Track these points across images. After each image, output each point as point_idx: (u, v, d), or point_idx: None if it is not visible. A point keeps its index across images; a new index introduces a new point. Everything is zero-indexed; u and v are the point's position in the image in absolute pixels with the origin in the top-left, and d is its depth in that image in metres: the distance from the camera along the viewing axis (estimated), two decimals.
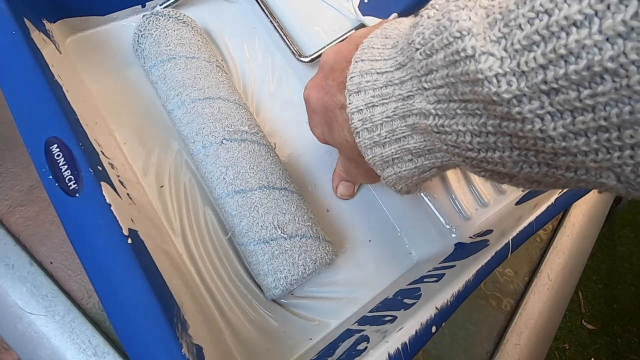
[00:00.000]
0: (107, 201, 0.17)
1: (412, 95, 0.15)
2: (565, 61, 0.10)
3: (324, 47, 0.28)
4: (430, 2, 0.14)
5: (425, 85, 0.14)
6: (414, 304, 0.19)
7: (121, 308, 0.15)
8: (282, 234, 0.22)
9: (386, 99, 0.16)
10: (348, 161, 0.22)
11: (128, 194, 0.20)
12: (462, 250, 0.23)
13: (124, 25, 0.29)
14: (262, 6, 0.29)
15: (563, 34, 0.10)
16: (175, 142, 0.26)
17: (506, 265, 0.31)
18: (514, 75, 0.11)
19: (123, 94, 0.27)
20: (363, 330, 0.20)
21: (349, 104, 0.17)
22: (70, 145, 0.18)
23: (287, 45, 0.28)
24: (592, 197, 0.35)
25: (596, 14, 0.09)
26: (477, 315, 0.29)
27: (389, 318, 0.19)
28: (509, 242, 0.20)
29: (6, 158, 0.26)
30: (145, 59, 0.26)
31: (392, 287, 0.25)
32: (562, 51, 0.10)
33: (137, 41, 0.26)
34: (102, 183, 0.17)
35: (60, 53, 0.25)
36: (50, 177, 0.17)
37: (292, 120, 0.29)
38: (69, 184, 0.17)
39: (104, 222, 0.16)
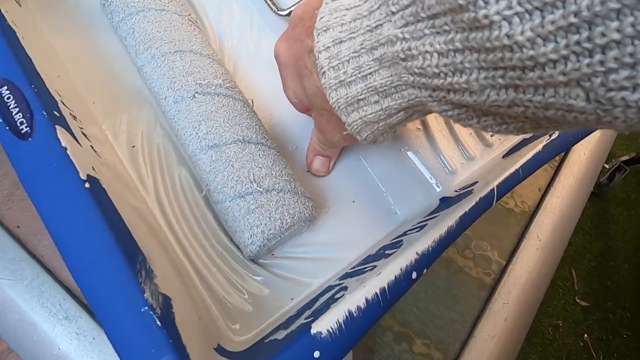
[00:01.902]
0: (63, 144, 0.16)
1: (380, 25, 0.15)
2: None
3: None
4: None
5: (393, 9, 0.14)
6: (394, 252, 0.18)
7: (77, 251, 0.14)
8: (258, 188, 0.21)
9: (354, 32, 0.16)
10: (320, 115, 0.21)
11: (92, 147, 0.19)
12: (447, 205, 0.22)
13: None
14: None
15: None
16: (147, 101, 0.25)
17: (497, 226, 0.30)
18: None
19: (91, 53, 0.25)
20: (342, 283, 0.19)
21: (317, 42, 0.16)
22: (22, 88, 0.16)
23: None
24: (582, 157, 0.34)
25: None
26: (465, 276, 0.28)
27: (369, 268, 0.19)
28: (493, 188, 0.20)
29: None
30: (113, 14, 0.25)
31: (376, 246, 0.24)
32: None
33: None
34: (57, 127, 0.16)
35: (20, 6, 0.23)
36: (0, 120, 0.16)
37: (273, 79, 0.28)
38: (20, 128, 0.16)
39: (58, 165, 0.15)
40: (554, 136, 0.23)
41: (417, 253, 0.17)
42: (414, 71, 0.14)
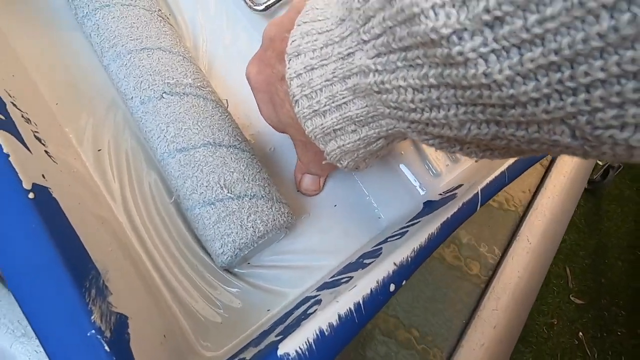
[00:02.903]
0: (5, 151, 0.14)
1: (352, 53, 0.14)
2: None
3: None
4: None
5: (364, 37, 0.13)
6: (372, 262, 0.17)
7: (18, 268, 0.13)
8: (228, 194, 0.20)
9: (325, 59, 0.15)
10: (298, 144, 0.20)
11: (46, 151, 0.18)
12: (431, 209, 0.21)
13: None
14: None
15: None
16: (115, 103, 0.23)
17: (484, 230, 0.29)
18: (453, 6, 0.10)
19: (54, 51, 0.24)
20: (318, 295, 0.18)
21: (288, 69, 0.15)
22: None
23: None
24: (573, 158, 0.33)
25: None
26: (453, 282, 0.27)
27: (345, 279, 0.17)
28: (477, 192, 0.18)
29: None
30: (77, 9, 0.23)
31: (357, 253, 0.23)
32: None
33: None
34: (1, 131, 0.15)
35: None
36: None
37: None
38: None
39: None
40: None
41: (395, 264, 0.16)
42: (389, 104, 0.13)
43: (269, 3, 0.25)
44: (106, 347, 0.13)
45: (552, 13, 0.08)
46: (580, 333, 0.94)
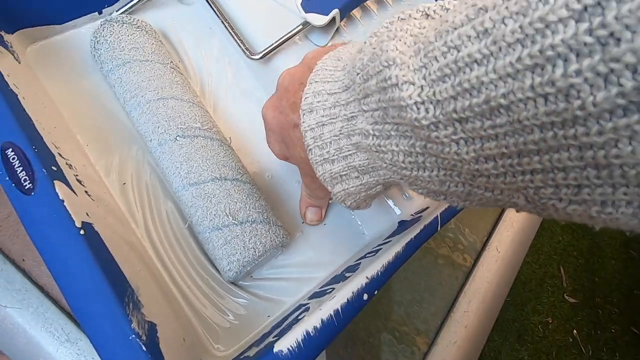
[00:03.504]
0: (60, 197, 0.19)
1: (355, 116, 0.17)
2: (470, 94, 0.11)
3: (273, 44, 0.29)
4: (373, 30, 0.16)
5: (364, 108, 0.16)
6: (350, 275, 0.21)
7: (75, 292, 0.17)
8: (233, 221, 0.24)
9: (334, 118, 0.17)
10: (305, 176, 0.23)
11: (86, 192, 0.22)
12: (403, 227, 0.25)
13: (82, 33, 0.30)
14: (214, 8, 0.31)
15: (467, 69, 0.11)
16: (136, 142, 0.28)
17: (460, 239, 0.33)
18: (431, 103, 0.12)
19: (84, 99, 0.28)
20: (308, 303, 0.22)
21: (303, 122, 0.18)
22: (24, 149, 0.19)
23: (239, 45, 0.30)
24: None
25: (491, 54, 0.10)
26: (431, 285, 0.31)
27: (330, 290, 0.21)
28: (437, 216, 0.22)
29: None
30: (103, 64, 0.28)
31: (343, 266, 0.27)
32: (466, 85, 0.11)
33: (94, 47, 0.28)
34: (56, 182, 0.19)
35: (20, 62, 0.26)
36: (7, 178, 0.18)
37: (248, 114, 0.31)
38: (24, 184, 0.19)
39: (57, 216, 0.18)
40: None
41: (367, 277, 0.20)
42: (385, 161, 0.16)
43: (264, 53, 0.29)
44: (143, 348, 0.17)
45: (500, 122, 0.11)
46: (575, 331, 0.97)
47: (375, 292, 0.20)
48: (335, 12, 0.28)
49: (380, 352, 0.28)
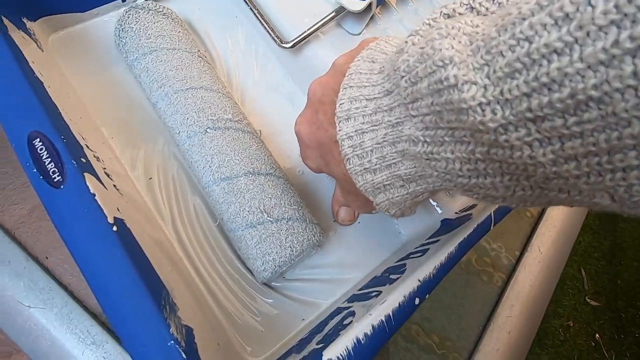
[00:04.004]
0: (91, 191, 0.17)
1: (400, 122, 0.15)
2: (549, 89, 0.10)
3: (305, 32, 0.28)
4: (415, 29, 0.14)
5: (413, 113, 0.14)
6: (398, 278, 0.20)
7: (109, 293, 0.16)
8: (268, 218, 0.22)
9: (376, 125, 0.16)
10: (347, 194, 0.22)
11: (115, 186, 0.21)
12: (448, 226, 0.24)
13: (105, 21, 0.29)
14: None
15: (545, 62, 0.10)
16: (162, 134, 0.26)
17: (497, 241, 0.31)
18: (498, 103, 0.11)
19: (108, 89, 0.27)
20: (351, 306, 0.21)
21: (339, 130, 0.17)
22: (53, 139, 0.18)
23: (269, 33, 0.28)
24: None
25: (576, 41, 0.09)
26: (469, 290, 0.29)
27: (375, 293, 0.20)
28: (490, 214, 0.21)
29: None
30: (128, 53, 0.26)
31: (381, 266, 0.26)
32: (545, 79, 0.10)
33: (119, 35, 0.27)
34: (86, 174, 0.18)
35: (43, 51, 0.25)
36: (35, 170, 0.17)
37: (278, 106, 0.29)
38: (52, 177, 0.17)
39: (88, 211, 0.17)
40: None
41: (419, 280, 0.18)
42: (437, 170, 0.14)
43: (296, 40, 0.27)
44: (184, 355, 0.15)
45: (589, 117, 0.09)
46: (597, 335, 0.94)
47: (427, 296, 0.19)
48: None
49: (419, 359, 0.26)
